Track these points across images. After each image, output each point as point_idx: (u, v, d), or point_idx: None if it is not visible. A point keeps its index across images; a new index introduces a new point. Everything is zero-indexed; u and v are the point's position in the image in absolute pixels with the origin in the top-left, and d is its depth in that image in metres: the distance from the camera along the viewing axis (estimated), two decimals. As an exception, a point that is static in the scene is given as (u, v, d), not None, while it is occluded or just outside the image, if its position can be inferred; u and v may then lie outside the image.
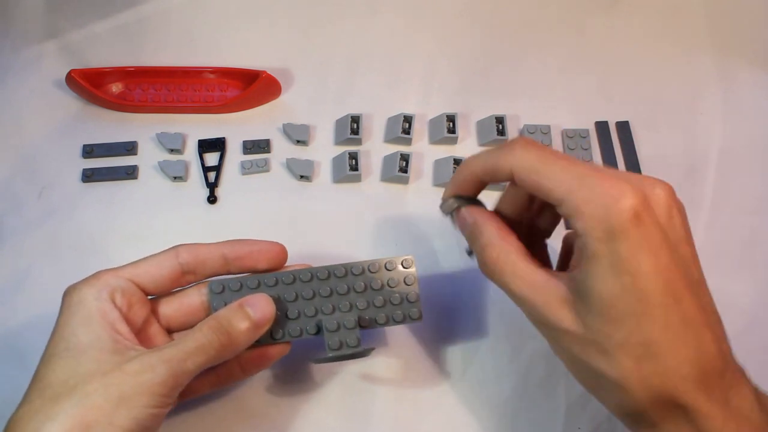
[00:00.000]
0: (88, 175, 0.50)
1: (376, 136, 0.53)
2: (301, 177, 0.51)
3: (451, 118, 0.52)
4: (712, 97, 0.56)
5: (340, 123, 0.53)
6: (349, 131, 0.51)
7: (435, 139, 0.53)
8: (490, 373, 0.44)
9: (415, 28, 0.58)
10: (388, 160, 0.51)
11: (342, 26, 0.58)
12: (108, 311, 0.34)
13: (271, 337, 0.38)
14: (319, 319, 0.38)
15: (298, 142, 0.52)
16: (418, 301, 0.39)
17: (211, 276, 0.38)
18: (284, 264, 0.39)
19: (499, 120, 0.52)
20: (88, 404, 0.30)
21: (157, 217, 0.49)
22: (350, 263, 0.39)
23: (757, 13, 0.59)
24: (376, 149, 0.52)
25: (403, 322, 0.39)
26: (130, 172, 0.50)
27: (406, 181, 0.51)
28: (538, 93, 0.55)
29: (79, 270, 0.37)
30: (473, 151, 0.52)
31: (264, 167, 0.51)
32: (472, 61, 0.57)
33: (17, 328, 0.45)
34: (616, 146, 0.53)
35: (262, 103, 0.54)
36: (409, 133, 0.52)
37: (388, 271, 0.39)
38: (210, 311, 0.38)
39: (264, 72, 0.51)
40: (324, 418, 0.42)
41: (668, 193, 0.30)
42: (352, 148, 0.51)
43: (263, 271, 0.39)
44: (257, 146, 0.52)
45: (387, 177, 0.51)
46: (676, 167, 0.52)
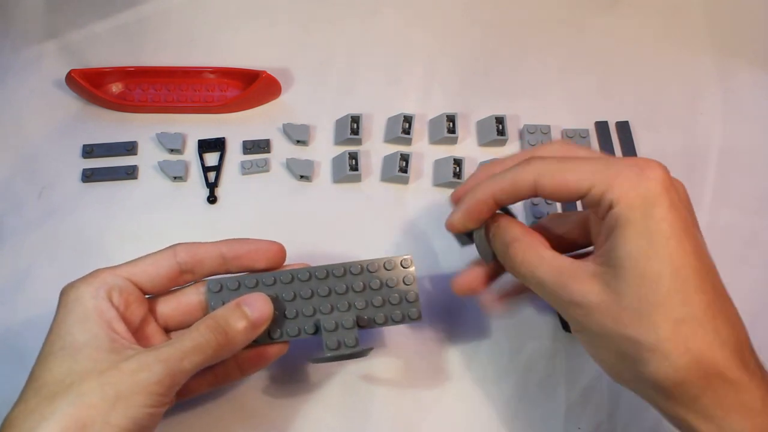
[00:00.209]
0: (88, 175, 0.50)
1: (376, 136, 0.53)
2: (301, 177, 0.51)
3: (451, 118, 0.52)
4: (712, 97, 0.56)
5: (340, 123, 0.53)
6: (349, 131, 0.51)
7: (435, 139, 0.53)
8: (490, 373, 0.44)
9: (415, 28, 0.58)
10: (388, 160, 0.51)
11: (342, 26, 0.58)
12: (105, 310, 0.34)
13: (269, 337, 0.38)
14: (318, 319, 0.38)
15: (298, 142, 0.52)
16: (417, 300, 0.39)
17: (209, 275, 0.38)
18: (283, 263, 0.39)
19: (499, 120, 0.52)
20: (84, 403, 0.30)
21: (157, 217, 0.49)
22: (349, 263, 0.39)
23: (757, 13, 0.59)
24: (376, 149, 0.52)
25: (402, 321, 0.39)
26: (130, 172, 0.50)
27: (406, 181, 0.51)
28: (538, 93, 0.55)
29: (79, 270, 0.37)
30: (473, 151, 0.52)
31: (264, 167, 0.51)
32: (472, 61, 0.57)
33: (17, 328, 0.45)
34: (616, 146, 0.53)
35: (262, 103, 0.54)
36: (409, 133, 0.52)
37: (387, 270, 0.39)
38: (207, 310, 0.38)
39: (264, 72, 0.51)
40: (322, 418, 0.42)
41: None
42: (352, 148, 0.51)
43: (261, 271, 0.39)
44: (257, 146, 0.52)
45: (387, 177, 0.51)
46: (676, 167, 0.51)
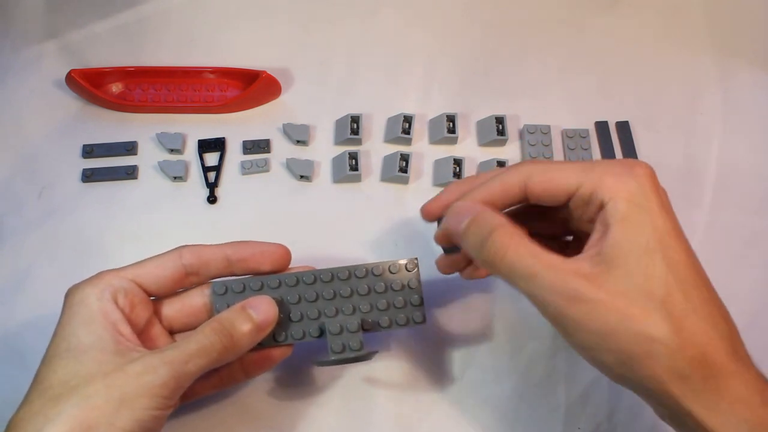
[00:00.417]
0: (88, 175, 0.50)
1: (376, 136, 0.53)
2: (301, 177, 0.51)
3: (451, 118, 0.52)
4: (712, 97, 0.56)
5: (340, 123, 0.53)
6: (349, 131, 0.51)
7: (435, 139, 0.53)
8: (490, 374, 0.44)
9: (415, 28, 0.58)
10: (388, 160, 0.51)
11: (342, 26, 0.58)
12: (110, 312, 0.34)
13: (273, 340, 0.38)
14: (322, 322, 0.38)
15: (298, 142, 0.52)
16: (421, 304, 0.39)
17: (214, 277, 0.38)
18: (287, 266, 0.39)
19: (499, 120, 0.52)
20: (89, 405, 0.30)
21: (157, 217, 0.49)
22: (354, 266, 0.39)
23: (757, 13, 0.59)
24: (376, 149, 0.52)
25: (406, 325, 0.39)
26: (130, 172, 0.50)
27: (406, 181, 0.51)
28: (538, 93, 0.55)
29: (79, 270, 0.37)
30: (473, 151, 0.52)
31: (264, 167, 0.51)
32: (472, 61, 0.57)
33: (17, 328, 0.45)
34: (616, 146, 0.53)
35: (262, 103, 0.54)
36: (409, 133, 0.51)
37: (392, 273, 0.39)
38: (212, 313, 0.38)
39: (264, 72, 0.51)
40: (326, 421, 0.42)
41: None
42: (352, 148, 0.51)
43: (266, 273, 0.39)
44: (257, 146, 0.52)
45: (387, 177, 0.51)
46: (676, 167, 0.52)
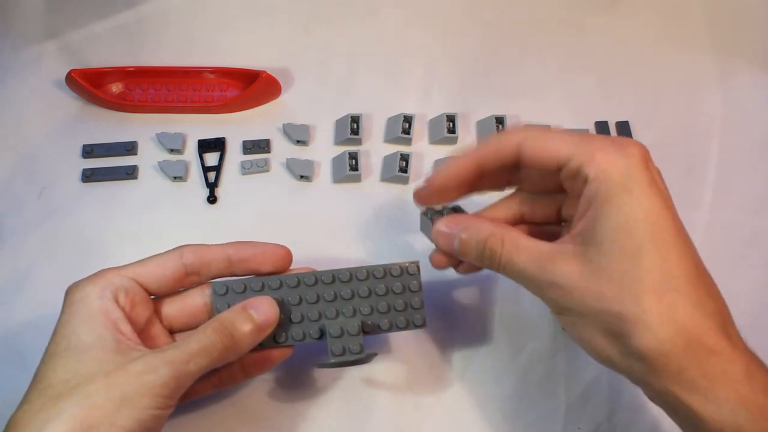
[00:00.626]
0: (88, 175, 0.50)
1: (376, 136, 0.53)
2: (301, 177, 0.51)
3: (451, 118, 0.52)
4: (712, 97, 0.56)
5: (340, 123, 0.53)
6: (349, 131, 0.51)
7: (435, 139, 0.53)
8: (490, 374, 0.44)
9: (415, 28, 0.58)
10: (388, 160, 0.51)
11: (342, 26, 0.58)
12: (111, 310, 0.34)
13: (273, 341, 0.38)
14: (323, 324, 0.38)
15: (298, 142, 0.52)
16: (422, 308, 0.39)
17: (215, 277, 0.38)
18: (289, 267, 0.39)
19: (499, 120, 0.52)
20: (89, 404, 0.30)
21: (157, 217, 0.49)
22: (355, 268, 0.39)
23: (757, 13, 0.59)
24: (376, 149, 0.52)
25: (406, 328, 0.39)
26: (130, 172, 0.50)
27: (406, 181, 0.51)
28: (538, 93, 0.55)
29: (79, 270, 0.37)
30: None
31: (264, 167, 0.51)
32: (472, 61, 0.57)
33: (17, 328, 0.45)
34: (616, 146, 0.53)
35: (262, 103, 0.54)
36: (409, 133, 0.51)
37: (393, 276, 0.39)
38: (213, 313, 0.38)
39: (264, 72, 0.51)
40: (326, 421, 0.42)
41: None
42: (352, 148, 0.51)
43: (267, 274, 0.38)
44: (257, 146, 0.52)
45: (387, 177, 0.51)
46: (676, 167, 0.52)
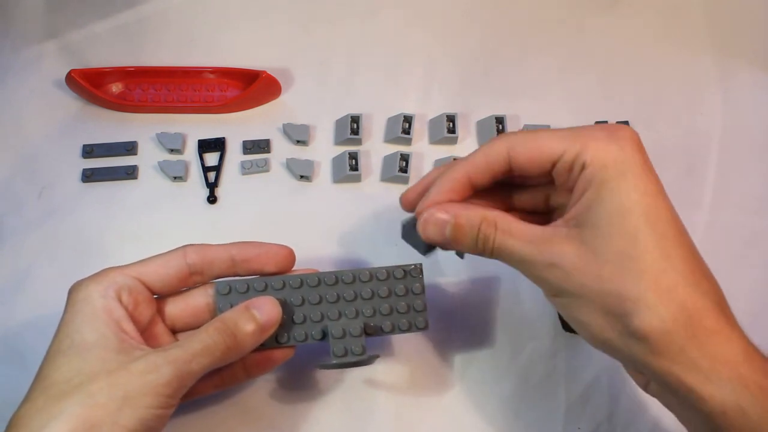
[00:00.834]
0: (88, 175, 0.50)
1: (376, 136, 0.53)
2: (301, 177, 0.51)
3: (451, 118, 0.52)
4: (712, 97, 0.55)
5: (340, 123, 0.53)
6: (349, 131, 0.51)
7: (435, 139, 0.53)
8: (490, 374, 0.44)
9: (415, 28, 0.58)
10: (388, 160, 0.51)
11: (342, 26, 0.58)
12: (114, 309, 0.34)
13: (275, 341, 0.38)
14: (325, 325, 0.38)
15: (298, 142, 0.52)
16: (425, 310, 0.39)
17: (218, 277, 0.38)
18: (292, 267, 0.39)
19: (499, 120, 0.52)
20: (92, 403, 0.30)
21: (157, 217, 0.49)
22: (358, 269, 0.39)
23: (757, 13, 0.59)
24: (376, 149, 0.52)
25: (408, 330, 0.39)
26: (130, 172, 0.50)
27: (406, 181, 0.51)
28: (538, 93, 0.55)
29: (79, 270, 0.37)
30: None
31: (264, 167, 0.51)
32: (472, 61, 0.57)
33: (17, 328, 0.45)
34: (616, 146, 0.53)
35: (262, 103, 0.54)
36: (409, 133, 0.51)
37: (396, 278, 0.39)
38: (216, 312, 0.38)
39: (264, 72, 0.51)
40: (327, 422, 0.42)
41: None
42: (352, 148, 0.51)
43: (271, 274, 0.39)
44: (257, 146, 0.52)
45: (387, 177, 0.51)
46: (676, 167, 0.52)
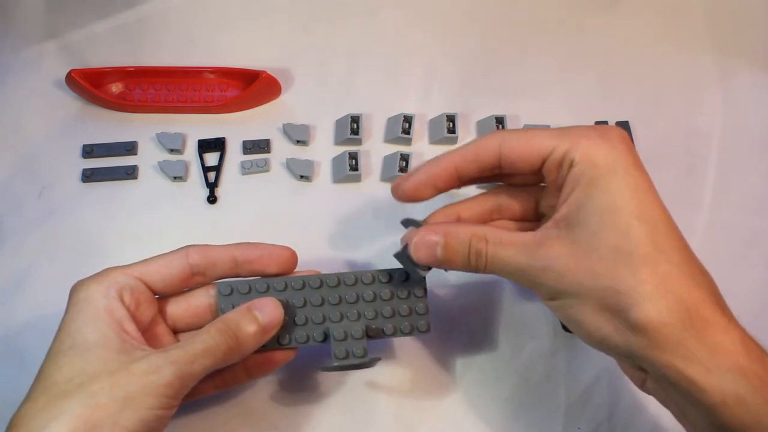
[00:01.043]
0: (88, 175, 0.50)
1: (376, 136, 0.53)
2: (301, 177, 0.51)
3: (451, 118, 0.52)
4: (712, 97, 0.55)
5: (340, 123, 0.53)
6: (349, 131, 0.51)
7: (435, 139, 0.53)
8: (490, 375, 0.44)
9: (415, 28, 0.58)
10: (388, 160, 0.51)
11: (342, 26, 0.58)
12: (115, 309, 0.34)
13: (277, 342, 0.38)
14: (327, 327, 0.38)
15: (298, 142, 0.52)
16: (427, 313, 0.39)
17: (220, 278, 0.38)
18: (294, 269, 0.39)
19: (499, 120, 0.52)
20: (93, 404, 0.30)
21: (157, 217, 0.49)
22: (360, 271, 0.39)
23: (757, 13, 0.59)
24: (376, 149, 0.52)
25: (410, 333, 0.39)
26: (130, 172, 0.50)
27: (406, 181, 0.51)
28: (538, 93, 0.55)
29: (79, 270, 0.37)
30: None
31: (264, 167, 0.51)
32: (472, 61, 0.57)
33: (17, 328, 0.45)
34: (616, 146, 0.53)
35: (262, 103, 0.54)
36: (409, 133, 0.51)
37: (399, 281, 0.39)
38: (217, 313, 0.38)
39: (264, 72, 0.51)
40: (328, 423, 0.42)
41: None
42: (352, 148, 0.51)
43: (273, 276, 0.38)
44: (257, 146, 0.52)
45: (387, 177, 0.51)
46: (676, 167, 0.52)
